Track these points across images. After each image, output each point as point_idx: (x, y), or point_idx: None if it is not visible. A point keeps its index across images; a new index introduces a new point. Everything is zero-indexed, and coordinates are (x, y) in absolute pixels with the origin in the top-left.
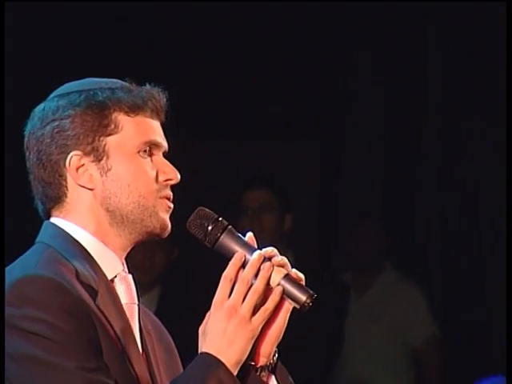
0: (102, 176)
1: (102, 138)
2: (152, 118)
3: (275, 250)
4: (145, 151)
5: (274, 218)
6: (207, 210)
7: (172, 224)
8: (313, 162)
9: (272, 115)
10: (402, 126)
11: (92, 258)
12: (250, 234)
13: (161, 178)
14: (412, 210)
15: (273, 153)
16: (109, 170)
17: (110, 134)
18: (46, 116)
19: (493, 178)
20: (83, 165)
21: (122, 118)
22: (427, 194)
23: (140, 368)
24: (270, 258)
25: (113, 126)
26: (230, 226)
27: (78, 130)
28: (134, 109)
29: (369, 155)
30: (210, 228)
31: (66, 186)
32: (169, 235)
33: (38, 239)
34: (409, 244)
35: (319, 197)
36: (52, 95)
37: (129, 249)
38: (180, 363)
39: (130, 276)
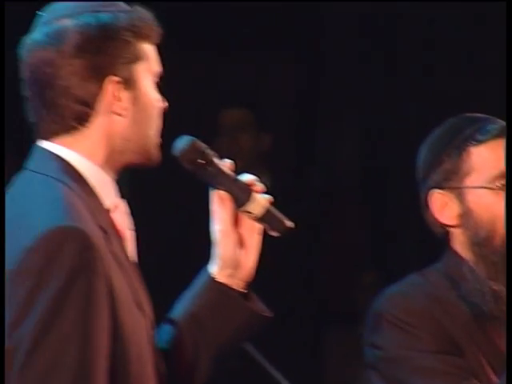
0: (132, 105)
1: (132, 65)
2: (154, 44)
3: (255, 178)
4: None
5: (251, 138)
6: (197, 141)
7: None
8: (289, 78)
9: (245, 25)
10: (382, 37)
11: (94, 191)
12: (229, 161)
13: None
14: (395, 128)
15: (248, 65)
16: (138, 99)
17: (136, 61)
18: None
19: None
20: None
21: (144, 45)
22: (408, 112)
23: (146, 303)
24: (250, 186)
25: (140, 53)
26: (216, 159)
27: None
28: (152, 36)
29: (347, 72)
30: (199, 161)
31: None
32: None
33: (37, 169)
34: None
35: (298, 116)
36: (58, 14)
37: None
38: None
39: (124, 201)
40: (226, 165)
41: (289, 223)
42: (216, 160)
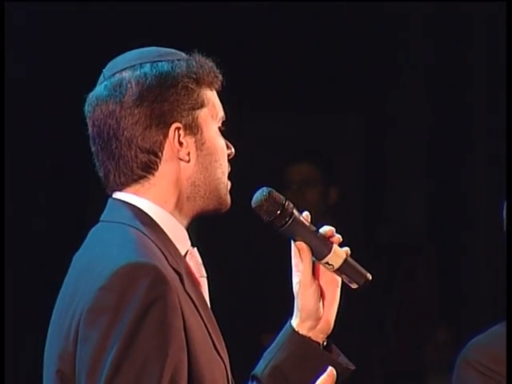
0: (197, 150)
1: (194, 111)
2: (217, 91)
3: (333, 229)
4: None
5: (318, 193)
6: (276, 193)
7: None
8: (357, 135)
9: (314, 89)
10: (448, 98)
11: (168, 237)
12: (306, 213)
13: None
14: (460, 185)
15: (316, 126)
16: (203, 144)
17: (199, 107)
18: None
19: None
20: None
21: (206, 92)
22: (474, 169)
23: (223, 351)
24: (329, 237)
25: (202, 99)
26: (295, 211)
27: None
28: (213, 82)
29: (414, 129)
30: (278, 213)
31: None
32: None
33: (110, 218)
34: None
35: (364, 171)
36: (118, 67)
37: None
38: None
39: (196, 249)
40: (304, 216)
41: (368, 275)
42: (295, 212)
